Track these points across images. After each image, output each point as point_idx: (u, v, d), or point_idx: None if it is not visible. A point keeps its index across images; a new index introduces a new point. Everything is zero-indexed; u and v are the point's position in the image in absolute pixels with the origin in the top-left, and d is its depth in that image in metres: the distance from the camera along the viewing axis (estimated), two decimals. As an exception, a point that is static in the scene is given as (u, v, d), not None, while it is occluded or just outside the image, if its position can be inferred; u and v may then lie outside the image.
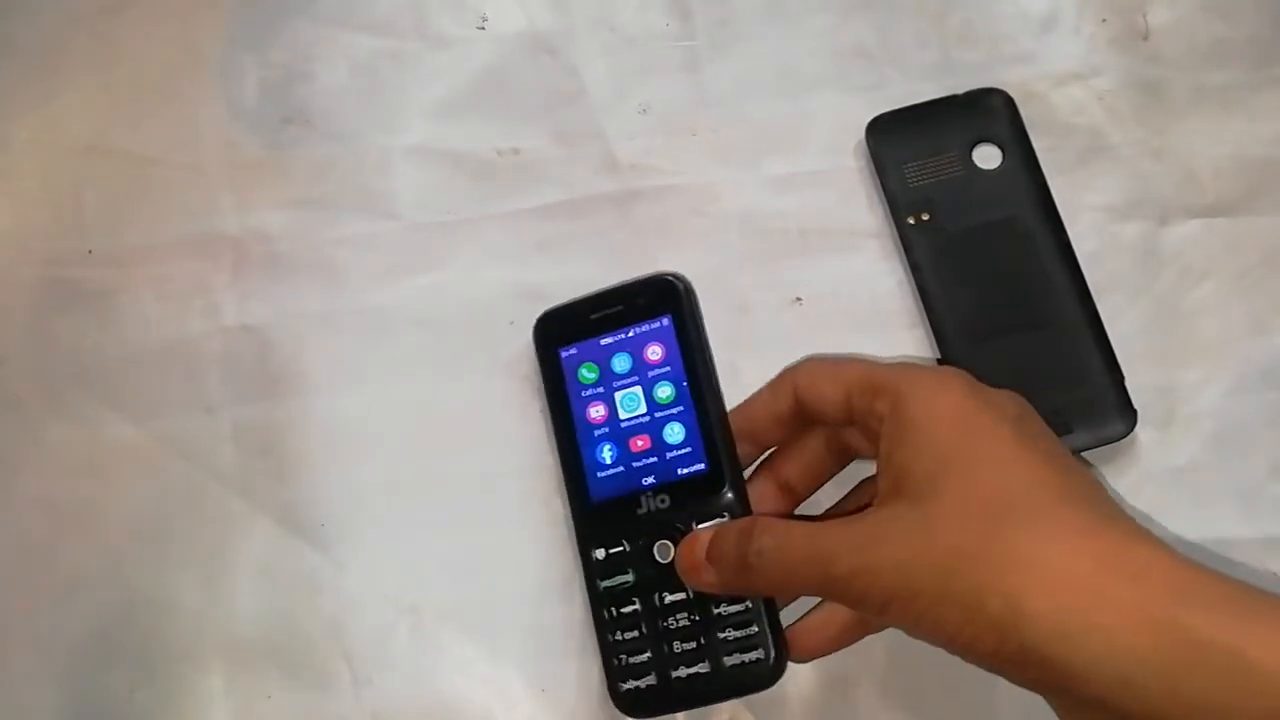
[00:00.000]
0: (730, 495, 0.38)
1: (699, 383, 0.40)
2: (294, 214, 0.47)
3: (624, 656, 0.38)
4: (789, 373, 0.38)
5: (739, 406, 0.40)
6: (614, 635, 0.38)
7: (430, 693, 0.41)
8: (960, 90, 0.46)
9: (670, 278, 0.42)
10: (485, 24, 0.49)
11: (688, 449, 0.40)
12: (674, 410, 0.40)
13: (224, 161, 0.48)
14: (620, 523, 0.39)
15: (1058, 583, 0.28)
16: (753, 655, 0.37)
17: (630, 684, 0.38)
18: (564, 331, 0.42)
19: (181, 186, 0.48)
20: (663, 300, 0.42)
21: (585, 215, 0.47)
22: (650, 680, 0.38)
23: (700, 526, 0.38)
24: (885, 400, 0.34)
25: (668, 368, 0.41)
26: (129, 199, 0.48)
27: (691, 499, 0.39)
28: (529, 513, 0.43)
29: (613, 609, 0.39)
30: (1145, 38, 0.48)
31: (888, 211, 0.45)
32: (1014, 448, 0.31)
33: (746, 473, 0.40)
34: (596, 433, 0.41)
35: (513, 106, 0.48)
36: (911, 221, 0.45)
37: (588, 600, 0.40)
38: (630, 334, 0.42)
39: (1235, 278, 0.45)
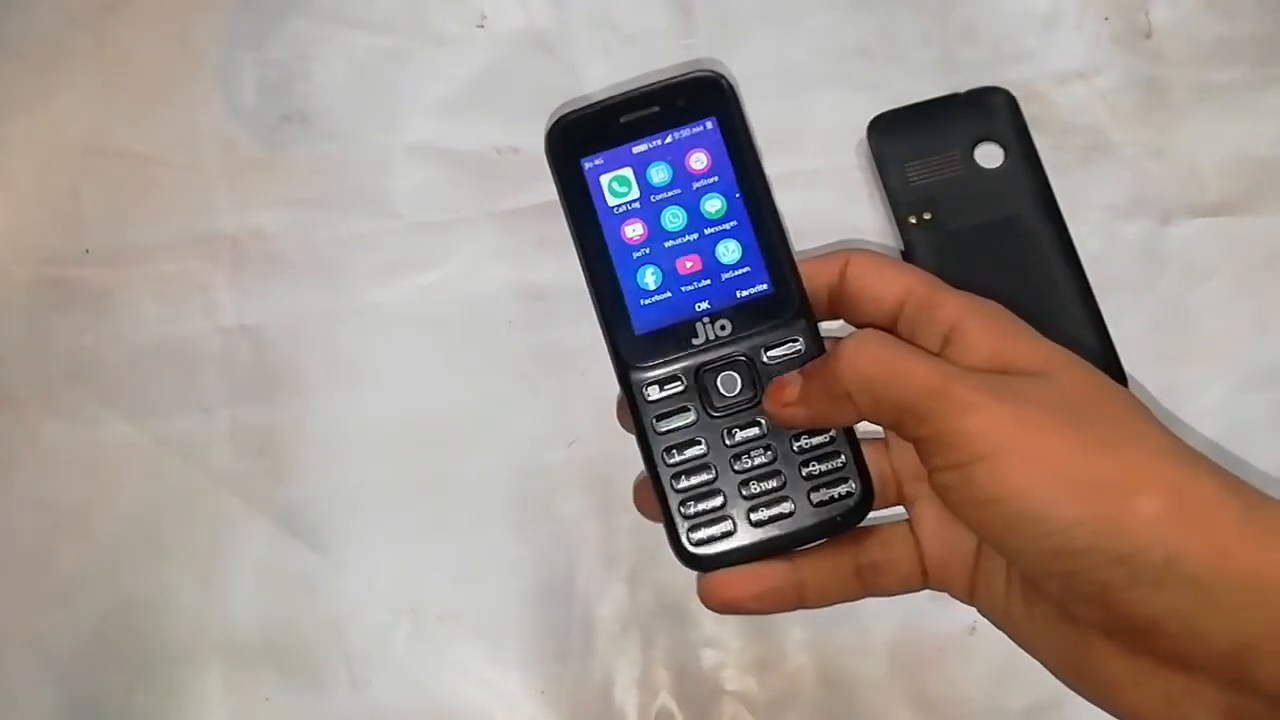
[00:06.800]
0: (801, 320, 0.34)
1: (753, 193, 0.36)
2: (292, 213, 0.47)
3: (691, 504, 0.34)
4: (844, 251, 0.34)
5: None
6: (678, 482, 0.34)
7: (429, 694, 0.41)
8: (962, 89, 0.46)
9: (713, 73, 0.36)
10: (484, 22, 0.49)
11: (746, 268, 0.35)
12: (726, 225, 0.36)
13: (222, 160, 0.48)
14: (674, 355, 0.35)
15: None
16: (842, 489, 0.33)
17: (701, 533, 0.34)
18: (586, 138, 0.36)
19: (179, 185, 0.47)
20: (706, 100, 0.36)
21: (585, 214, 0.46)
22: (726, 527, 0.34)
23: (770, 354, 0.34)
24: (946, 313, 0.31)
25: (715, 178, 0.36)
26: (127, 198, 0.47)
27: (756, 324, 0.35)
28: (528, 513, 0.43)
29: (674, 452, 0.34)
30: (1148, 36, 0.48)
31: (889, 211, 0.45)
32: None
33: None
34: (635, 254, 0.35)
35: (512, 105, 0.48)
36: (913, 221, 0.45)
37: (646, 455, 0.34)
38: (668, 139, 0.36)
39: (1238, 277, 0.44)
